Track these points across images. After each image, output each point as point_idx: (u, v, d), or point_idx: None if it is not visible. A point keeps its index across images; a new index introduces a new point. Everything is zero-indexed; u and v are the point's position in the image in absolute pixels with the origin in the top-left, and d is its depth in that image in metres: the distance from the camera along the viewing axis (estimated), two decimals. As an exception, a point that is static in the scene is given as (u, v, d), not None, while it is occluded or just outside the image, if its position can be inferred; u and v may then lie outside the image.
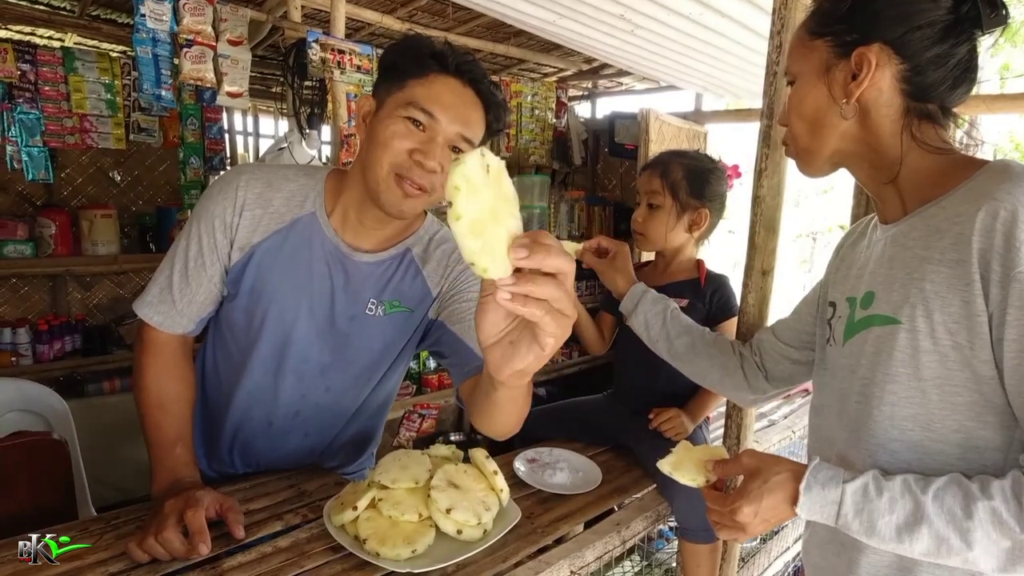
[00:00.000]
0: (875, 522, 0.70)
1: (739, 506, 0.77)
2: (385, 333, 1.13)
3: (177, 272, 1.05)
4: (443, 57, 0.98)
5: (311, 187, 1.08)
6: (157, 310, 1.05)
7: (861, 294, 0.84)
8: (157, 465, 1.01)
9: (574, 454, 1.39)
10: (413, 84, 0.97)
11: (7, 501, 1.16)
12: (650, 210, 1.49)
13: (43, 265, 2.80)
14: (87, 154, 3.03)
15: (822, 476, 0.74)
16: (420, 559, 0.91)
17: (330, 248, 1.07)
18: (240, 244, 1.04)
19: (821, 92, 0.82)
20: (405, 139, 0.96)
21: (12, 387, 1.88)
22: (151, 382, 1.05)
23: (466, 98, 1.00)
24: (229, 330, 1.12)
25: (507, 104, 1.07)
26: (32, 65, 2.46)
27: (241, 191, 1.03)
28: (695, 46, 2.22)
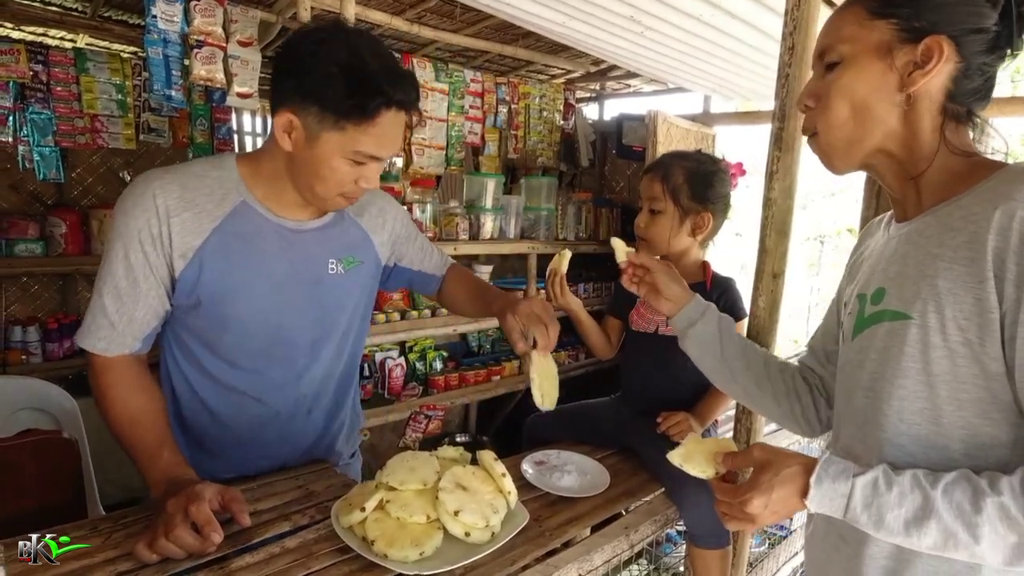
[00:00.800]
0: (884, 515, 0.71)
1: (750, 498, 0.77)
2: (351, 289, 1.21)
3: (108, 296, 1.02)
4: (386, 95, 0.96)
5: (227, 178, 1.07)
6: (98, 336, 1.03)
7: (872, 290, 0.84)
8: (148, 473, 1.00)
9: (582, 457, 1.39)
10: (354, 130, 0.97)
11: (18, 498, 1.17)
12: (652, 216, 1.47)
13: (53, 264, 2.82)
14: (98, 154, 3.05)
15: (833, 470, 0.74)
16: (428, 561, 0.91)
17: (275, 227, 1.09)
18: (181, 251, 1.02)
19: (878, 76, 0.77)
20: (350, 176, 1.02)
21: (22, 385, 1.90)
22: (115, 403, 1.03)
23: (400, 123, 1.02)
24: (202, 344, 1.10)
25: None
26: (44, 66, 2.48)
27: (159, 199, 1.00)
28: (704, 48, 2.21)
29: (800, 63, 1.15)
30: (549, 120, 3.71)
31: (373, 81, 0.94)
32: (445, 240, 2.72)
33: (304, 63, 0.96)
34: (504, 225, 3.03)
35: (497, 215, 2.96)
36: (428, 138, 3.08)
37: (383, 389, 2.69)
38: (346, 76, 0.94)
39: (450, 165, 3.23)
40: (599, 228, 3.58)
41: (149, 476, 1.00)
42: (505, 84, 3.45)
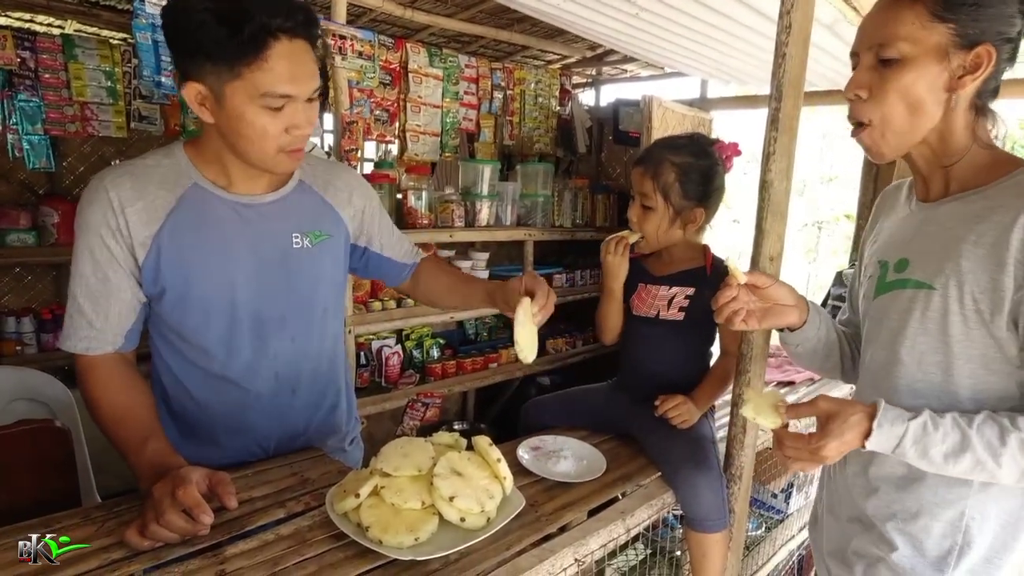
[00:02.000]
0: (928, 450, 0.84)
1: (825, 443, 0.87)
2: (321, 263, 1.18)
3: (82, 296, 1.02)
4: (266, 26, 0.92)
5: (176, 163, 1.06)
6: (79, 337, 1.03)
7: (895, 259, 0.97)
8: (136, 467, 0.99)
9: (578, 442, 1.39)
10: (250, 71, 0.93)
11: (12, 489, 1.16)
12: (643, 211, 1.42)
13: (46, 254, 2.80)
14: (89, 142, 3.02)
15: (891, 415, 0.86)
16: (423, 547, 0.91)
17: (230, 205, 1.08)
18: (140, 240, 1.01)
19: (934, 77, 0.85)
20: (275, 125, 0.98)
21: (16, 376, 1.88)
22: (101, 402, 1.03)
23: (302, 52, 0.98)
24: (175, 333, 1.10)
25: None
26: (32, 52, 2.45)
27: (112, 192, 1.00)
28: (701, 30, 2.18)
29: (797, 42, 1.13)
30: (545, 106, 3.68)
31: (246, 13, 0.90)
32: (441, 227, 2.71)
33: (179, 23, 0.94)
34: (500, 212, 3.02)
35: (493, 202, 2.94)
36: (423, 124, 3.05)
37: (380, 377, 2.69)
38: (218, 17, 0.90)
39: (445, 152, 3.21)
40: (596, 215, 3.56)
41: (136, 469, 0.99)
42: (500, 70, 3.42)
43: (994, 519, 0.91)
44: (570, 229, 3.36)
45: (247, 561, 0.88)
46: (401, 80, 2.93)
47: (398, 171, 2.71)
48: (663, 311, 1.45)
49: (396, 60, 2.89)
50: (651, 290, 1.47)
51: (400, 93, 2.95)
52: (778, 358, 2.25)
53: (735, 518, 1.33)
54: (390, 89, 2.87)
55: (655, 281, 1.48)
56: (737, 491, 1.34)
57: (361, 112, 2.62)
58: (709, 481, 1.28)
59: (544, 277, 3.50)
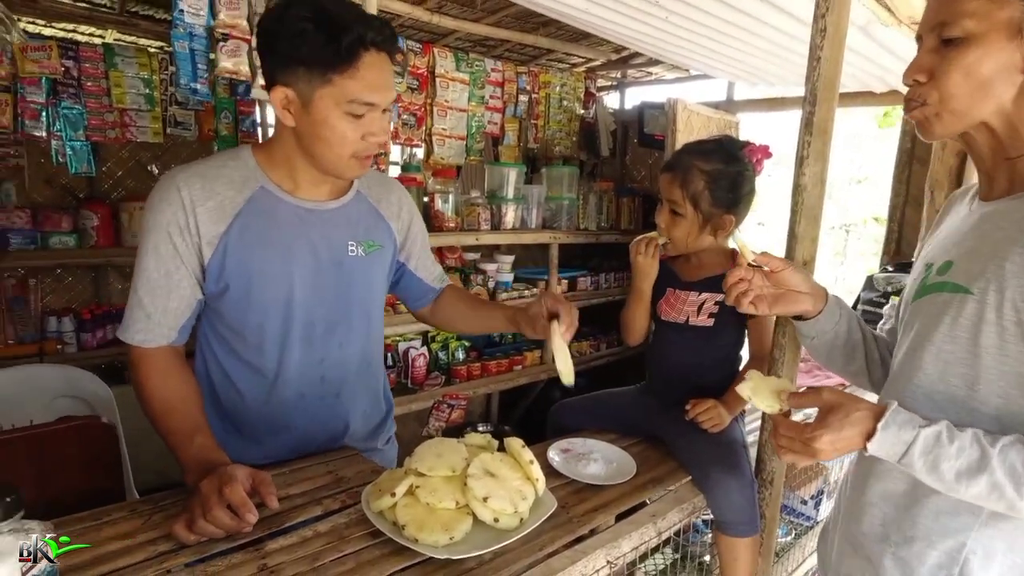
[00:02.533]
0: (939, 464, 0.77)
1: (820, 434, 0.82)
2: (372, 272, 1.23)
3: (143, 289, 1.06)
4: (361, 37, 0.97)
5: (244, 166, 1.11)
6: (136, 329, 1.07)
7: (940, 261, 0.89)
8: (183, 459, 1.03)
9: (607, 445, 1.39)
10: (341, 79, 0.98)
11: (62, 481, 1.21)
12: (672, 216, 1.41)
13: (86, 256, 2.90)
14: (127, 148, 3.11)
15: (900, 419, 0.79)
16: (458, 546, 0.92)
17: (293, 209, 1.12)
18: (208, 239, 1.06)
19: (1005, 55, 0.77)
20: (355, 132, 1.03)
21: (60, 373, 1.96)
22: (153, 393, 1.07)
23: (386, 66, 1.03)
24: (232, 331, 1.14)
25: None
26: (75, 61, 2.54)
27: (184, 192, 1.04)
28: (730, 32, 2.17)
29: (832, 45, 1.13)
30: (569, 109, 3.68)
31: (344, 24, 0.96)
32: (467, 230, 2.73)
33: (277, 32, 0.99)
34: (525, 215, 3.03)
35: (518, 205, 2.96)
36: (448, 128, 3.08)
37: (406, 378, 2.72)
38: (317, 27, 0.96)
39: (470, 155, 3.24)
40: (620, 218, 3.55)
41: (182, 461, 1.03)
42: (526, 73, 3.43)
43: (1000, 559, 0.81)
44: (595, 232, 3.36)
45: (288, 556, 0.90)
46: (428, 84, 2.96)
47: (424, 174, 2.75)
48: (692, 317, 1.44)
49: (423, 65, 2.92)
50: (680, 296, 1.47)
51: (427, 97, 2.98)
52: (808, 363, 2.23)
53: (766, 523, 1.32)
54: (417, 94, 2.91)
55: (684, 287, 1.47)
56: (768, 496, 1.33)
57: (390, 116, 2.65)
58: (740, 486, 1.27)
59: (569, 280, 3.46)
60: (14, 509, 0.66)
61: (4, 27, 1.63)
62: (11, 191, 2.77)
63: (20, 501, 0.67)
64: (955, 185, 2.87)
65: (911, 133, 3.20)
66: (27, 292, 2.87)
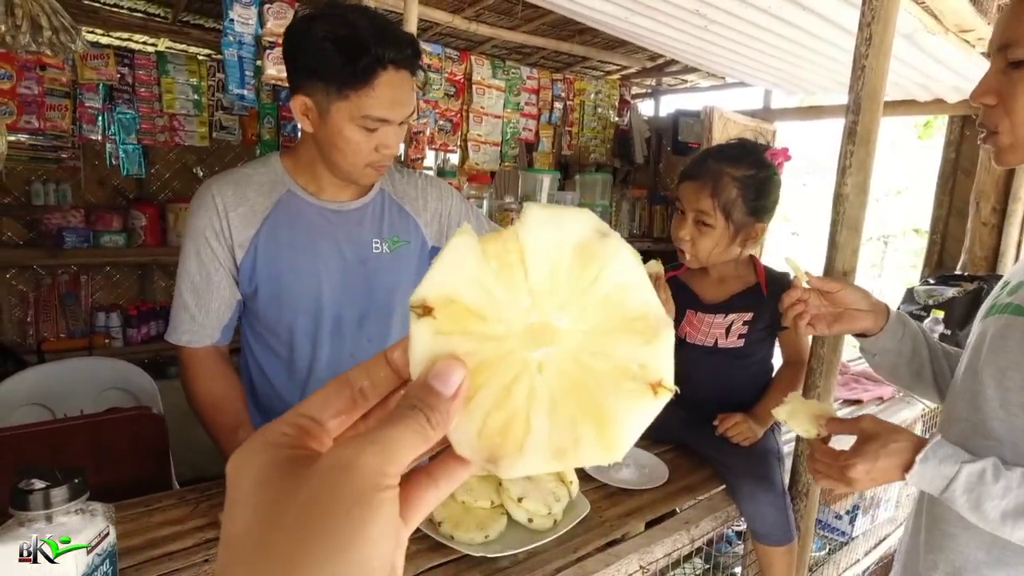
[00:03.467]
0: (982, 503, 0.74)
1: (854, 463, 0.80)
2: (398, 268, 1.25)
3: (187, 292, 1.12)
4: (379, 58, 0.99)
5: (272, 171, 1.16)
6: (183, 331, 1.13)
7: (1015, 280, 0.86)
8: (227, 452, 1.07)
9: (639, 450, 1.39)
10: (356, 95, 1.01)
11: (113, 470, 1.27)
12: (698, 228, 1.30)
13: (134, 254, 3.02)
14: (174, 151, 3.23)
15: (941, 452, 0.77)
16: (493, 544, 0.94)
17: (318, 210, 1.16)
18: (240, 242, 1.11)
19: None
20: (369, 144, 1.06)
21: (110, 366, 2.04)
22: (200, 390, 1.14)
23: (403, 83, 1.05)
24: (266, 330, 1.19)
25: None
26: (130, 68, 2.65)
27: (218, 198, 1.10)
28: (770, 40, 2.15)
29: (878, 55, 1.12)
30: (604, 116, 3.69)
31: (364, 45, 0.98)
32: (500, 235, 2.75)
33: (301, 45, 1.03)
34: (558, 221, 3.04)
35: (551, 211, 2.97)
36: (484, 134, 3.12)
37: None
38: (337, 46, 0.98)
39: (504, 161, 3.27)
40: (653, 225, 3.54)
41: (226, 453, 1.08)
42: (561, 80, 3.45)
43: None
44: (627, 239, 3.34)
45: (329, 547, 0.93)
46: (465, 91, 3.01)
47: (460, 179, 2.79)
48: (721, 340, 1.38)
49: (460, 72, 2.97)
50: (705, 319, 1.40)
51: (463, 104, 3.02)
52: (844, 375, 2.18)
53: (801, 536, 1.31)
54: (454, 100, 2.95)
55: (708, 310, 1.40)
56: (803, 508, 1.31)
57: (427, 122, 2.70)
58: (773, 497, 1.26)
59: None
60: (81, 490, 0.71)
61: (69, 36, 1.72)
62: (67, 191, 2.90)
63: (86, 483, 0.71)
64: (1003, 197, 2.78)
65: (955, 143, 3.12)
66: (79, 288, 3.01)
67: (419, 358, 0.27)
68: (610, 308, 0.27)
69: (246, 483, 0.25)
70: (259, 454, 0.26)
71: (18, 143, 2.53)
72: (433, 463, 0.29)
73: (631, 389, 0.27)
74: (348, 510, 0.23)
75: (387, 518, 0.24)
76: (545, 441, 0.27)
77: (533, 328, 0.27)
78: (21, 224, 2.91)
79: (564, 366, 0.27)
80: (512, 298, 0.27)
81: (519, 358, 0.27)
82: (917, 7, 1.76)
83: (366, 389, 0.29)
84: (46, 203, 2.85)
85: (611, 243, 0.27)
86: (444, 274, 0.27)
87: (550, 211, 0.27)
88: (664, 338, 0.27)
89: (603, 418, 0.27)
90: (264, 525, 0.24)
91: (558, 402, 0.27)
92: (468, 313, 0.27)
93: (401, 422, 0.26)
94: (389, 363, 0.29)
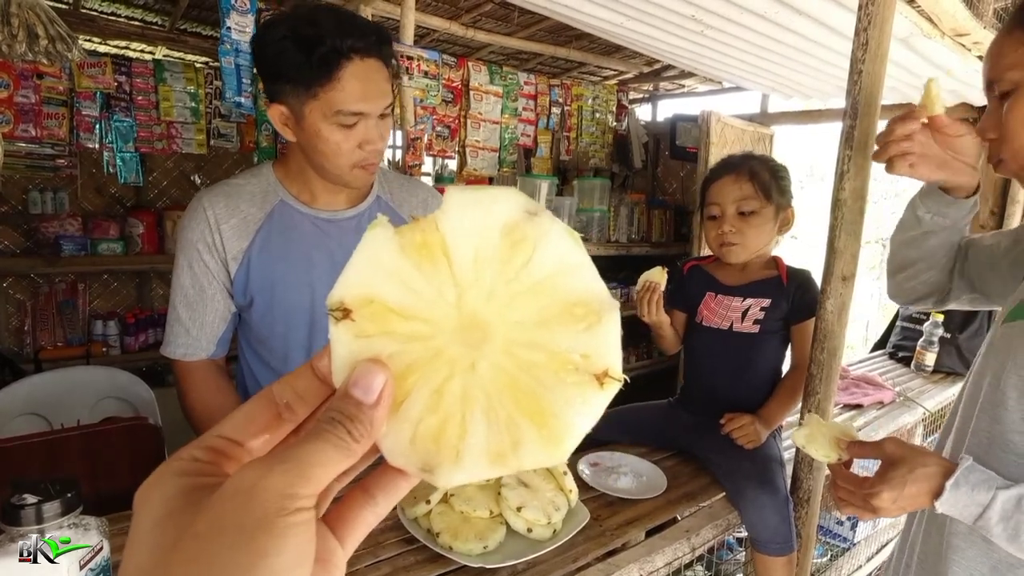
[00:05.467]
0: (1021, 532, 0.71)
1: (880, 491, 0.77)
2: None
3: (180, 306, 1.11)
4: (338, 48, 0.97)
5: (264, 181, 1.14)
6: (177, 344, 1.12)
7: None
8: None
9: (637, 459, 1.38)
10: (324, 91, 0.98)
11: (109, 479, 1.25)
12: (743, 218, 1.36)
13: (131, 262, 3.01)
14: (172, 159, 3.23)
15: (974, 478, 0.74)
16: (492, 555, 0.93)
17: (311, 220, 1.15)
18: (233, 255, 1.10)
19: None
20: (349, 141, 1.03)
21: (107, 375, 2.03)
22: (195, 403, 1.13)
23: (373, 71, 1.02)
24: (260, 342, 1.18)
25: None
26: (127, 76, 2.65)
27: (209, 211, 1.09)
28: (766, 45, 2.15)
29: (874, 59, 1.12)
30: (602, 122, 3.70)
31: (321, 39, 0.96)
32: (498, 241, 2.75)
33: (264, 50, 1.01)
34: (556, 226, 3.04)
35: (549, 216, 2.98)
36: (482, 140, 3.12)
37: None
38: (296, 43, 0.96)
39: (503, 167, 3.27)
40: (652, 230, 3.54)
41: None
42: (558, 86, 3.46)
43: None
44: (626, 244, 3.35)
45: (326, 559, 0.92)
46: (462, 97, 3.01)
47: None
48: (736, 323, 1.41)
49: (458, 78, 2.97)
50: (723, 300, 1.44)
51: (461, 110, 3.03)
52: (844, 380, 2.18)
53: (802, 543, 1.30)
54: (451, 106, 2.96)
55: (727, 292, 1.45)
56: (805, 515, 1.30)
57: (424, 129, 2.70)
58: (775, 504, 1.25)
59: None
60: (74, 504, 0.70)
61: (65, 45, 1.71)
62: (65, 199, 2.90)
63: (79, 497, 0.70)
64: (1000, 199, 2.78)
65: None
66: (76, 296, 3.00)
67: (341, 364, 0.25)
68: (545, 294, 0.25)
69: (145, 520, 0.23)
70: (162, 486, 0.24)
71: (15, 151, 2.53)
72: (368, 477, 0.27)
73: (574, 382, 0.25)
74: (250, 539, 0.21)
75: (296, 546, 0.22)
76: (483, 445, 0.25)
77: (462, 323, 0.25)
78: (18, 232, 2.90)
79: (499, 362, 0.25)
80: (436, 292, 0.25)
81: (449, 357, 0.25)
82: (913, 11, 1.76)
83: (293, 403, 0.27)
84: (43, 211, 2.84)
85: (541, 222, 0.25)
86: (360, 272, 0.25)
87: (472, 193, 0.25)
88: (608, 323, 0.25)
89: (544, 416, 0.25)
90: (158, 566, 0.22)
91: (494, 402, 0.25)
92: (389, 312, 0.25)
93: (318, 437, 0.24)
94: (316, 372, 0.27)
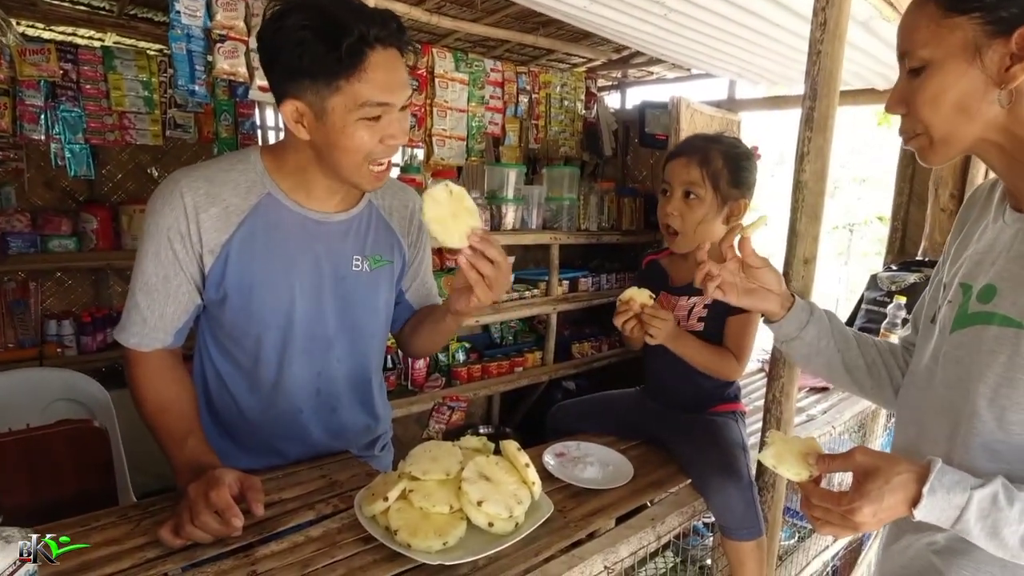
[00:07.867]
0: (999, 530, 0.69)
1: (859, 506, 0.74)
2: (376, 289, 1.18)
3: (140, 293, 1.04)
4: (364, 36, 0.92)
5: (252, 170, 1.07)
6: (132, 332, 1.05)
7: (980, 285, 0.81)
8: (174, 460, 1.02)
9: (603, 448, 1.37)
10: (349, 83, 0.93)
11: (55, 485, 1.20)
12: (687, 202, 1.36)
13: (86, 259, 2.90)
14: (126, 151, 3.11)
15: (947, 480, 0.72)
16: (451, 551, 0.90)
17: (299, 219, 1.08)
18: (210, 248, 1.03)
19: (971, 78, 0.73)
20: (372, 136, 0.98)
21: (58, 377, 1.95)
22: (147, 393, 1.06)
23: (396, 62, 0.98)
24: (230, 339, 1.12)
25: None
26: (74, 64, 2.54)
27: (187, 197, 1.01)
28: (731, 30, 2.15)
29: (833, 40, 1.11)
30: (571, 109, 3.67)
31: (344, 27, 0.91)
32: (467, 231, 2.71)
33: (276, 44, 0.95)
34: (526, 216, 3.01)
35: (519, 206, 2.95)
36: (449, 129, 3.07)
37: (406, 380, 2.71)
38: (316, 34, 0.91)
39: (471, 156, 3.22)
40: (622, 218, 3.53)
41: (174, 463, 1.02)
42: (526, 73, 3.42)
43: None
44: (596, 232, 3.34)
45: (278, 562, 0.89)
46: (428, 85, 2.95)
47: (424, 175, 2.73)
48: (683, 322, 1.40)
49: (423, 65, 2.91)
50: (671, 301, 1.43)
51: (427, 98, 2.97)
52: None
53: (769, 527, 1.30)
54: (417, 94, 2.89)
55: (675, 291, 1.44)
56: (770, 499, 1.31)
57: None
58: (740, 489, 1.25)
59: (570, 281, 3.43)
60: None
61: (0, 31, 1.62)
62: (11, 195, 2.77)
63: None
64: (960, 182, 2.83)
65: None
66: (27, 296, 2.87)
67: None
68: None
69: None
70: None
71: (-46, 144, 2.41)
72: None
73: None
74: None
75: None
76: None
77: None
78: (-38, 230, 2.77)
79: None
80: None
81: None
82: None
83: None
84: (-12, 207, 2.72)
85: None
86: None
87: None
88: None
89: None
90: None
91: None
92: None
93: None
94: None
